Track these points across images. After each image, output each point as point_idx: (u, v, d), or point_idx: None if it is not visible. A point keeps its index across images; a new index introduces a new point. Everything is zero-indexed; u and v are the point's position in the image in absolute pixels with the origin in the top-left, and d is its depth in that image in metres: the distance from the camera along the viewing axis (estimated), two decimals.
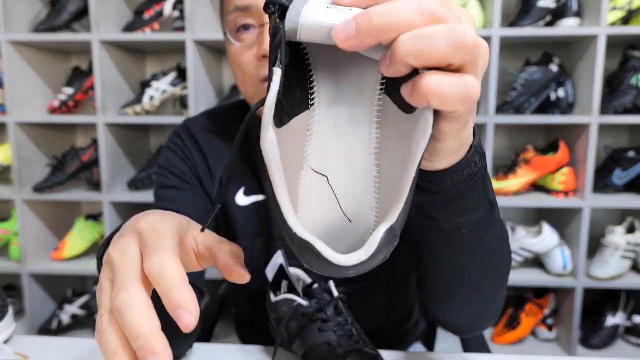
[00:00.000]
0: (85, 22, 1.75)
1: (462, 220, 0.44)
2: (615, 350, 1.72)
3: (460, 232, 0.46)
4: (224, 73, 1.94)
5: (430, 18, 0.28)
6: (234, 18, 0.67)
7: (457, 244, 0.48)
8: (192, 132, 0.80)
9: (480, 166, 0.40)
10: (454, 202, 0.42)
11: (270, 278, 0.67)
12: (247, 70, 0.67)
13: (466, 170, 0.39)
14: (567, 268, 1.65)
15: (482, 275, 0.54)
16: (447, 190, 0.40)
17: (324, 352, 0.59)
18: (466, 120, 0.33)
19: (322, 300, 0.64)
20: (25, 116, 1.71)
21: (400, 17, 0.27)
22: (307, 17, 0.30)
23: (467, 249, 0.49)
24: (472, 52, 0.28)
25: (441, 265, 0.54)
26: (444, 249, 0.50)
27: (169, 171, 0.77)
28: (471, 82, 0.29)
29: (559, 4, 1.60)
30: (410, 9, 0.27)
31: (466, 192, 0.41)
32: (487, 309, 0.60)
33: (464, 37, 0.27)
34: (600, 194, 1.70)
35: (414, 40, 0.27)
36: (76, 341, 0.72)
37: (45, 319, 1.84)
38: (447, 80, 0.28)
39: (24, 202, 1.74)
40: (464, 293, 0.56)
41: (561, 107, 1.66)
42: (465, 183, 0.40)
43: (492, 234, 0.49)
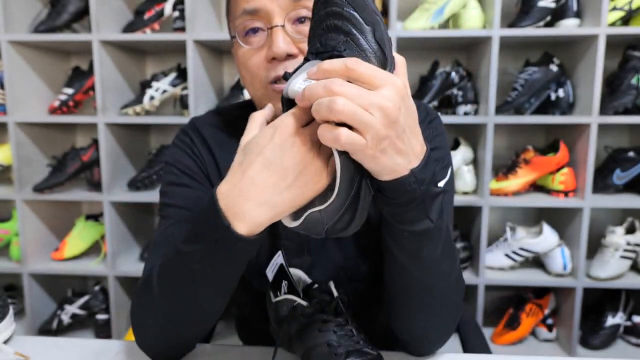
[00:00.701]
0: (85, 22, 1.75)
1: (405, 226, 0.55)
2: (615, 350, 1.72)
3: (403, 234, 0.56)
4: (224, 73, 1.94)
5: (329, 92, 0.45)
6: (242, 21, 0.68)
7: (402, 245, 0.58)
8: (200, 129, 0.80)
9: (414, 187, 0.50)
10: (397, 208, 0.53)
11: (271, 278, 0.67)
12: (256, 72, 0.68)
13: (401, 186, 0.50)
14: (567, 268, 1.65)
15: (423, 286, 0.61)
16: (391, 196, 0.51)
17: (324, 352, 0.59)
18: (371, 157, 0.47)
19: (322, 300, 0.64)
20: (26, 116, 1.72)
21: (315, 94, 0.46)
22: (292, 85, 0.49)
23: (408, 253, 0.58)
24: (342, 114, 0.44)
25: (391, 265, 0.62)
26: (393, 248, 0.59)
27: (176, 168, 0.77)
28: (342, 135, 0.45)
29: (559, 4, 1.60)
30: (320, 91, 0.46)
31: (406, 204, 0.52)
32: (430, 323, 0.65)
33: (335, 105, 0.44)
34: (600, 194, 1.70)
35: (315, 106, 0.46)
36: (76, 341, 0.72)
37: (46, 319, 1.84)
38: (324, 132, 0.46)
39: (24, 202, 1.74)
40: (409, 299, 0.63)
41: (561, 107, 1.66)
42: (404, 196, 0.51)
43: (432, 247, 0.57)
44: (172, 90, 1.76)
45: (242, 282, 0.84)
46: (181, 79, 1.78)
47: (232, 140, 0.79)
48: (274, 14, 0.65)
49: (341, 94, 0.44)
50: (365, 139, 0.45)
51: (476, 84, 1.70)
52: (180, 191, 0.75)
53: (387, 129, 0.45)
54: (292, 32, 0.66)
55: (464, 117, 1.63)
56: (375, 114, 0.44)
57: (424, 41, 1.66)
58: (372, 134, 0.45)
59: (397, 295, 0.65)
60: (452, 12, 1.61)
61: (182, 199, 0.74)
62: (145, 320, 0.65)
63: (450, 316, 0.66)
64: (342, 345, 0.59)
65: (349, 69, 0.45)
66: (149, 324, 0.64)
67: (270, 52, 0.65)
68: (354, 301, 0.76)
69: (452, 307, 0.65)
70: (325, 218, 0.50)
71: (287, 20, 0.66)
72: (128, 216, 1.84)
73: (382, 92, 0.45)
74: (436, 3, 1.59)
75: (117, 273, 1.75)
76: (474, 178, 1.70)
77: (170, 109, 1.91)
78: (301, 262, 0.77)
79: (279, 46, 0.64)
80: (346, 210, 0.50)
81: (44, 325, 1.81)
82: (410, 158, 0.50)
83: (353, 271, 0.78)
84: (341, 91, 0.44)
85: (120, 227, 1.80)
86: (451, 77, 1.69)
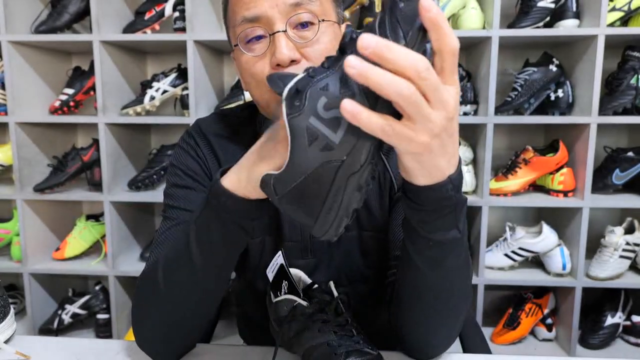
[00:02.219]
0: (86, 23, 1.75)
1: (432, 235, 0.53)
2: (614, 349, 1.72)
3: (428, 243, 0.54)
4: (224, 73, 1.95)
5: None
6: (243, 29, 0.67)
7: (425, 253, 0.56)
8: (204, 132, 0.80)
9: (451, 194, 0.49)
10: (427, 215, 0.51)
11: (271, 278, 0.68)
12: (261, 78, 0.67)
13: (438, 192, 0.48)
14: (566, 268, 1.66)
15: (439, 293, 0.60)
16: (423, 204, 0.50)
17: (324, 352, 0.59)
18: (414, 156, 0.44)
19: (322, 300, 0.64)
20: (26, 116, 1.72)
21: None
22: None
23: (432, 261, 0.57)
24: (408, 101, 0.38)
25: (408, 271, 0.61)
26: (415, 256, 0.57)
27: (180, 170, 0.77)
28: (388, 128, 0.40)
29: (558, 5, 1.60)
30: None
31: (438, 211, 0.51)
32: (438, 329, 0.65)
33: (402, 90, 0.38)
34: (599, 194, 1.70)
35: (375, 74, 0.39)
36: (77, 341, 0.73)
37: (46, 319, 1.85)
38: (372, 118, 0.39)
39: (25, 202, 1.74)
40: (422, 305, 0.62)
41: (560, 107, 1.66)
42: (436, 203, 0.49)
43: (455, 257, 0.57)
44: (172, 91, 1.77)
45: (245, 281, 0.84)
46: (181, 79, 1.78)
47: (236, 143, 0.80)
48: (275, 20, 0.65)
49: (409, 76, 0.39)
50: (416, 132, 0.40)
51: (476, 84, 1.70)
52: (184, 193, 0.75)
53: (443, 128, 0.42)
54: (295, 37, 0.65)
55: (464, 117, 1.63)
56: (438, 108, 0.40)
57: None
58: (427, 128, 0.41)
59: (409, 300, 0.64)
60: (451, 12, 1.61)
61: (185, 201, 0.74)
62: (146, 318, 0.65)
63: (457, 322, 0.66)
64: (342, 345, 0.59)
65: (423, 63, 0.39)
66: (150, 321, 0.65)
67: (275, 58, 0.64)
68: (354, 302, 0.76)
69: (460, 314, 0.65)
70: (276, 187, 0.46)
71: (289, 25, 0.65)
72: (128, 216, 1.84)
73: (448, 87, 0.41)
74: None
75: (118, 273, 1.75)
76: (473, 178, 1.71)
77: (170, 109, 1.92)
78: (305, 263, 0.77)
79: (283, 52, 0.63)
80: (306, 198, 0.45)
81: (44, 325, 1.82)
82: (451, 162, 0.47)
83: (355, 273, 0.79)
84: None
85: (121, 227, 1.80)
86: None
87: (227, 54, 1.93)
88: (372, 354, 0.59)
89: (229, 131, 0.81)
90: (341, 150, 0.43)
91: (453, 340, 0.68)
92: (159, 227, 0.75)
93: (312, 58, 0.66)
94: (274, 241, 0.78)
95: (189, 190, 0.75)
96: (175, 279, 0.61)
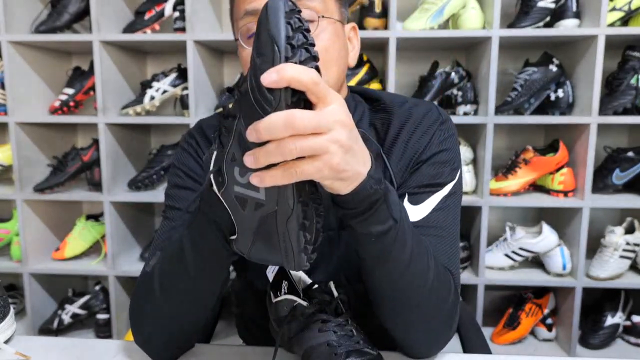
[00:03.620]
0: (85, 23, 1.75)
1: (370, 229, 0.55)
2: (615, 349, 1.72)
3: (370, 239, 0.56)
4: (224, 73, 1.95)
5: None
6: (244, 23, 0.68)
7: (369, 250, 0.57)
8: (206, 131, 0.80)
9: (375, 187, 0.51)
10: (361, 215, 0.53)
11: (271, 278, 0.68)
12: None
13: (364, 192, 0.51)
14: (566, 268, 1.66)
15: (398, 289, 0.61)
16: (354, 207, 0.52)
17: (324, 352, 0.59)
18: (323, 178, 0.47)
19: (322, 300, 0.64)
20: (26, 116, 1.72)
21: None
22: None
23: (379, 256, 0.58)
24: (291, 155, 0.43)
25: (364, 272, 0.62)
26: (363, 255, 0.59)
27: (182, 171, 0.77)
28: (290, 173, 0.44)
29: (558, 5, 1.60)
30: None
31: (370, 207, 0.53)
32: (416, 326, 0.64)
33: (284, 148, 0.43)
34: (599, 194, 1.70)
35: (261, 153, 0.44)
36: (76, 341, 0.73)
37: (46, 319, 1.85)
38: (272, 174, 0.45)
39: (25, 202, 1.74)
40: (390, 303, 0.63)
41: (560, 107, 1.66)
42: (365, 201, 0.52)
43: (400, 249, 0.57)
44: (172, 91, 1.77)
45: (245, 281, 0.84)
46: (181, 79, 1.78)
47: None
48: None
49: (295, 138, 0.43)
50: (334, 156, 0.44)
51: (476, 84, 1.70)
52: (184, 194, 0.75)
53: (348, 139, 0.46)
54: None
55: (464, 117, 1.63)
56: (336, 129, 0.44)
57: (423, 41, 1.66)
58: (339, 150, 0.45)
59: (377, 300, 0.64)
60: (451, 12, 1.61)
61: (185, 202, 0.74)
62: (143, 320, 0.65)
63: (437, 320, 0.65)
64: (342, 345, 0.59)
65: (290, 122, 0.43)
66: (147, 323, 0.65)
67: None
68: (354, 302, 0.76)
69: (438, 309, 0.64)
70: (240, 248, 0.53)
71: None
72: (128, 216, 1.84)
73: (330, 109, 0.45)
74: (436, 3, 1.59)
75: (118, 273, 1.75)
76: (473, 178, 1.71)
77: (170, 109, 1.92)
78: None
79: None
80: (265, 248, 0.51)
81: (44, 325, 1.81)
82: (366, 162, 0.50)
83: (354, 273, 0.79)
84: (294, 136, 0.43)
85: (121, 227, 1.80)
86: (451, 78, 1.69)
87: (227, 54, 1.93)
88: (372, 354, 0.59)
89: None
90: (270, 202, 0.48)
91: (444, 338, 0.67)
92: (158, 228, 0.74)
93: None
94: None
95: (189, 191, 0.75)
96: (171, 285, 0.62)
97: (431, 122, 0.75)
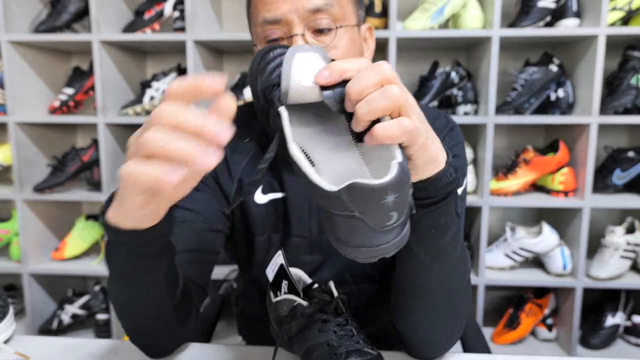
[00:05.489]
0: (85, 23, 1.75)
1: (436, 222, 0.54)
2: (615, 350, 1.72)
3: (431, 232, 0.54)
4: (224, 73, 1.94)
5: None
6: (263, 30, 0.69)
7: (427, 244, 0.56)
8: None
9: (454, 176, 0.51)
10: (435, 205, 0.52)
11: (271, 278, 0.67)
12: None
13: (443, 179, 0.50)
14: (566, 268, 1.65)
15: (438, 288, 0.61)
16: (433, 194, 0.51)
17: (324, 352, 0.59)
18: (422, 146, 0.45)
19: (322, 300, 0.64)
20: (26, 116, 1.72)
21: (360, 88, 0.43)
22: (295, 83, 0.45)
23: (432, 251, 0.57)
24: (398, 101, 0.42)
25: (409, 264, 0.61)
26: (416, 246, 0.57)
27: None
28: (405, 122, 0.42)
29: (559, 4, 1.60)
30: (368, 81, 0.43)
31: (445, 197, 0.51)
32: (439, 328, 0.65)
33: (392, 92, 0.42)
34: (599, 194, 1.70)
35: (364, 106, 0.43)
36: (76, 341, 0.72)
37: (46, 319, 1.85)
38: (389, 124, 0.42)
39: (24, 202, 1.74)
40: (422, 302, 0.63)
41: (561, 107, 1.66)
42: (442, 190, 0.50)
43: (454, 246, 0.57)
44: None
45: (249, 278, 0.84)
46: None
47: (245, 136, 0.80)
48: (294, 23, 0.66)
49: (392, 81, 0.43)
50: (411, 119, 0.44)
51: (476, 84, 1.70)
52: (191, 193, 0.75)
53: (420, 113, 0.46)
54: (312, 41, 0.67)
55: (464, 117, 1.63)
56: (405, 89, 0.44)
57: (423, 41, 1.66)
58: (420, 119, 0.44)
59: (409, 299, 0.64)
60: (452, 12, 1.61)
61: (188, 201, 0.74)
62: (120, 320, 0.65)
63: (456, 321, 0.66)
64: (342, 345, 0.59)
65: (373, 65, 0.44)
66: (123, 323, 0.64)
67: None
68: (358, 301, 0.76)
69: (459, 311, 0.65)
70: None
71: (307, 29, 0.67)
72: None
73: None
74: (436, 3, 1.59)
75: None
76: (474, 178, 1.71)
77: None
78: (311, 260, 0.78)
79: None
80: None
81: (44, 325, 1.81)
82: (440, 146, 0.50)
83: (360, 272, 0.79)
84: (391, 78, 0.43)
85: None
86: (451, 77, 1.69)
87: (227, 54, 1.93)
88: (372, 354, 0.59)
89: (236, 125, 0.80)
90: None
91: (453, 342, 0.68)
92: None
93: None
94: (281, 238, 0.78)
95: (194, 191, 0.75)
96: (117, 295, 0.60)
97: (441, 127, 0.76)
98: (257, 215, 0.78)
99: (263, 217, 0.78)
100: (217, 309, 1.11)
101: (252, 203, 0.78)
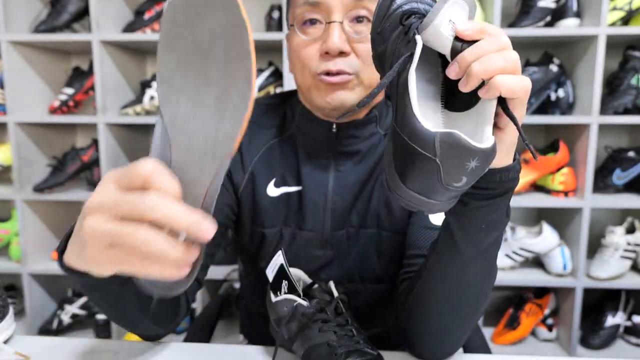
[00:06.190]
0: (85, 22, 1.75)
1: (489, 217, 0.53)
2: (615, 350, 1.72)
3: (481, 227, 0.53)
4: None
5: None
6: (302, 11, 0.69)
7: (474, 240, 0.55)
8: None
9: (519, 169, 0.51)
10: (494, 199, 0.51)
11: (271, 278, 0.67)
12: (307, 63, 0.69)
13: (511, 173, 0.50)
14: (567, 268, 1.65)
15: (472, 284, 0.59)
16: (498, 186, 0.50)
17: (324, 352, 0.59)
18: (521, 112, 0.46)
19: (322, 300, 0.64)
20: (26, 116, 1.71)
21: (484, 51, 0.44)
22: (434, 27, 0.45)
23: (481, 249, 0.55)
24: (516, 65, 0.44)
25: (449, 262, 0.58)
26: (463, 244, 0.55)
27: None
28: (523, 77, 0.44)
29: (559, 4, 1.60)
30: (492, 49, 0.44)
31: (506, 192, 0.51)
32: (454, 330, 0.63)
33: (511, 55, 0.44)
34: (600, 194, 1.70)
35: (479, 65, 0.43)
36: (76, 341, 0.72)
37: (46, 319, 1.84)
38: (511, 77, 0.43)
39: (24, 202, 1.74)
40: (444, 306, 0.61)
41: (561, 107, 1.66)
42: (506, 184, 0.50)
43: (497, 244, 0.57)
44: None
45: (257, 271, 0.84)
46: None
47: (262, 130, 0.80)
48: (335, 9, 0.66)
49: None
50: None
51: None
52: None
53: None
54: (350, 30, 0.67)
55: None
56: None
57: None
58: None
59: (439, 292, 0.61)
60: None
61: None
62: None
63: (474, 322, 0.64)
64: (342, 345, 0.59)
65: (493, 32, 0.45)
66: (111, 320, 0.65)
67: (325, 46, 0.66)
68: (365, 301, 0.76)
69: (479, 314, 0.63)
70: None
71: (346, 17, 0.67)
72: None
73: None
74: None
75: None
76: None
77: None
78: (322, 254, 0.77)
79: (334, 41, 0.65)
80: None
81: (44, 325, 1.81)
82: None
83: (369, 271, 0.78)
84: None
85: None
86: None
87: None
88: (372, 354, 0.58)
89: (254, 118, 0.80)
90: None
91: (462, 343, 0.67)
92: None
93: (361, 55, 0.67)
94: (292, 232, 0.78)
95: None
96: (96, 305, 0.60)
97: None
98: (268, 208, 0.78)
99: (274, 210, 0.78)
100: (217, 309, 1.11)
101: (264, 196, 0.78)
